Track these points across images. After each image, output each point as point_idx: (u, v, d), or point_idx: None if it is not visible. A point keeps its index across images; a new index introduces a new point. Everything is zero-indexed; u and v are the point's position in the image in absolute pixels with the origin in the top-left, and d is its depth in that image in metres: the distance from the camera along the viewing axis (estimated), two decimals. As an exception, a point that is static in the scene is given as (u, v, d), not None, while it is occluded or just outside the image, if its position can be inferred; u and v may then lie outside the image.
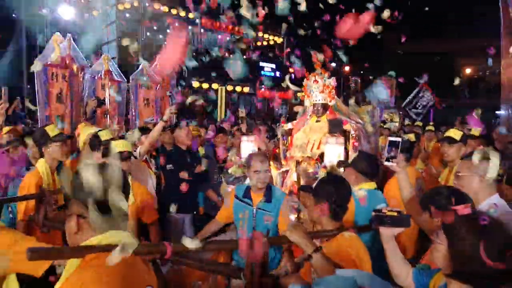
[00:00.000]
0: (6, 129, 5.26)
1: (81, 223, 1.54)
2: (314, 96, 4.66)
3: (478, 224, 1.50)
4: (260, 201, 3.50)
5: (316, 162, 4.43)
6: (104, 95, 6.73)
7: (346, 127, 4.48)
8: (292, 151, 4.71)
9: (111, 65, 7.22)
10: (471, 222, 1.54)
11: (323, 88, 4.57)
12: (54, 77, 5.27)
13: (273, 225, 3.42)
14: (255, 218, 3.49)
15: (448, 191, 2.24)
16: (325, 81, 4.57)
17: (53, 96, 5.33)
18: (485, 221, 1.48)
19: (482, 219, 1.49)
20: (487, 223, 1.49)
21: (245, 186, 3.68)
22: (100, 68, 7.02)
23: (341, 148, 4.18)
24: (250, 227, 3.47)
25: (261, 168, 3.45)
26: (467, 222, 1.56)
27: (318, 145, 4.49)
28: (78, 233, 1.54)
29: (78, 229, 1.54)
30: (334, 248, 2.28)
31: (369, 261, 2.35)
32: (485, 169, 2.56)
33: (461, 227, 1.55)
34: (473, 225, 1.52)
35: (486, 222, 1.49)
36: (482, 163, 2.57)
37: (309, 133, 4.63)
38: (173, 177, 4.93)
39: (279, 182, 4.68)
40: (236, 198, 3.66)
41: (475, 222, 1.53)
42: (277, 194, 3.56)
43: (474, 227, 1.51)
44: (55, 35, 5.32)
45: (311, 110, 4.77)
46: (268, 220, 3.46)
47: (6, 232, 2.07)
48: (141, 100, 7.80)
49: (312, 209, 2.52)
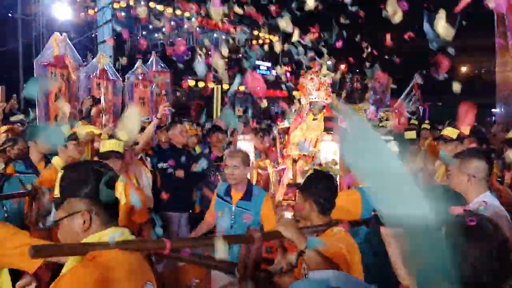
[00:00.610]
0: (3, 128, 5.26)
1: (92, 219, 1.54)
2: (310, 94, 4.68)
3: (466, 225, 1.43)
4: (240, 199, 3.50)
5: (312, 159, 4.46)
6: (99, 94, 6.73)
7: (342, 125, 4.49)
8: (289, 149, 4.73)
9: (106, 64, 7.21)
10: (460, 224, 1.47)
11: (319, 86, 4.59)
12: (53, 76, 5.27)
13: (254, 224, 3.40)
14: (233, 216, 3.49)
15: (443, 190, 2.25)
16: (321, 79, 4.60)
17: (52, 95, 5.32)
18: (472, 222, 1.42)
19: (470, 220, 1.42)
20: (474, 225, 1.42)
21: (227, 185, 3.68)
22: (96, 67, 7.01)
23: (336, 146, 4.20)
24: (228, 225, 3.47)
25: (229, 163, 3.47)
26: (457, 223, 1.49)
27: (315, 143, 4.52)
28: (88, 229, 1.54)
29: (89, 226, 1.54)
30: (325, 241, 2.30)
31: (359, 255, 2.38)
32: (474, 168, 2.61)
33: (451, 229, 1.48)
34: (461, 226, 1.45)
35: (473, 223, 1.42)
36: (470, 162, 2.63)
37: (306, 131, 4.65)
38: (169, 176, 4.94)
39: (275, 180, 4.71)
40: (217, 196, 3.69)
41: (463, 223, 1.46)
42: (257, 193, 3.55)
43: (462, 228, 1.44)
44: (54, 34, 5.31)
45: (307, 108, 4.79)
46: (247, 218, 3.46)
47: (1, 227, 2.08)
48: (137, 99, 7.80)
49: (300, 205, 2.55)
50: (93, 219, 1.54)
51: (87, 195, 1.53)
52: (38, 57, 5.25)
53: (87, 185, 1.54)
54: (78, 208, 1.54)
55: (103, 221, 1.57)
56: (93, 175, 1.55)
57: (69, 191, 1.55)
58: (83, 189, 1.53)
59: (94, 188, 1.54)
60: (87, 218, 1.53)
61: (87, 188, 1.53)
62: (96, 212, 1.55)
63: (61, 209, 1.56)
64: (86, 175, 1.55)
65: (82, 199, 1.54)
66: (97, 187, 1.54)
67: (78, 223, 1.53)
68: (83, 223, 1.53)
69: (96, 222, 1.55)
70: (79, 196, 1.54)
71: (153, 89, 8.05)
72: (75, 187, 1.54)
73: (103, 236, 1.53)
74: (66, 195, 1.55)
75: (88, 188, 1.53)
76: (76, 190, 1.54)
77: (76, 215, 1.53)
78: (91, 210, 1.54)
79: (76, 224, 1.53)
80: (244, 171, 3.52)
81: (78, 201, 1.54)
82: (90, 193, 1.53)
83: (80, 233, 1.54)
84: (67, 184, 1.55)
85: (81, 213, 1.53)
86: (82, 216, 1.53)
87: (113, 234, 1.53)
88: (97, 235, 1.54)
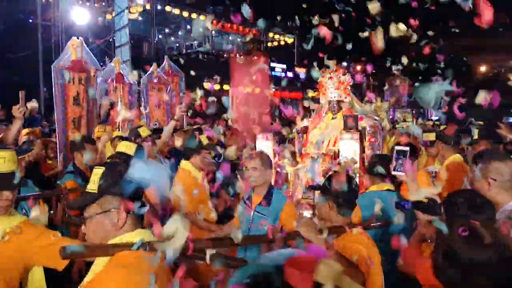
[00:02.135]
0: (25, 131, 5.37)
1: (127, 219, 1.55)
2: (329, 93, 4.66)
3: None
4: (259, 204, 3.28)
5: (331, 159, 4.43)
6: (116, 98, 6.82)
7: (362, 124, 4.46)
8: (308, 148, 4.71)
9: (123, 68, 7.30)
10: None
11: (339, 85, 4.57)
12: (71, 80, 5.35)
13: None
14: (251, 221, 3.29)
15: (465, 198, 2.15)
16: (340, 78, 4.57)
17: (70, 99, 5.40)
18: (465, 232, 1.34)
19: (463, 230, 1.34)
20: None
21: (252, 188, 3.47)
22: (112, 71, 7.11)
23: (356, 145, 4.17)
24: (246, 230, 3.27)
25: (248, 165, 3.29)
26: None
27: (334, 142, 4.49)
28: (120, 228, 1.54)
29: (123, 225, 1.54)
30: (343, 245, 2.28)
31: (379, 256, 2.34)
32: (499, 172, 2.37)
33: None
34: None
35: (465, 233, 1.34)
36: (493, 164, 2.39)
37: (325, 130, 4.63)
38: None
39: (294, 179, 4.69)
40: (242, 199, 3.54)
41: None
42: (278, 199, 3.28)
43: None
44: (72, 39, 5.39)
45: (326, 107, 4.76)
46: (264, 224, 3.19)
47: (30, 226, 2.11)
48: (152, 101, 7.87)
49: (320, 206, 2.52)
50: (128, 218, 1.55)
51: (126, 195, 1.53)
52: (56, 61, 5.33)
53: (127, 184, 1.53)
54: (114, 205, 1.54)
55: (134, 222, 1.57)
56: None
57: (109, 187, 1.54)
58: (123, 188, 1.53)
59: (134, 188, 1.53)
60: (122, 216, 1.53)
61: (127, 187, 1.53)
62: (130, 212, 1.55)
63: (96, 205, 1.55)
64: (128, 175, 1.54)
65: (119, 198, 1.54)
66: (136, 188, 1.54)
67: (111, 221, 1.53)
68: (117, 221, 1.53)
69: (129, 221, 1.56)
70: (117, 194, 1.54)
71: (168, 93, 8.11)
72: (116, 184, 1.54)
73: (131, 237, 1.53)
74: (105, 191, 1.54)
75: (128, 187, 1.53)
76: (116, 187, 1.53)
77: (111, 212, 1.53)
78: (127, 209, 1.54)
79: (108, 221, 1.53)
80: (264, 173, 3.29)
81: (116, 199, 1.54)
82: (127, 193, 1.53)
83: (111, 230, 1.53)
84: (107, 181, 1.55)
85: (116, 211, 1.53)
86: (117, 214, 1.53)
87: (141, 237, 1.53)
88: (126, 236, 1.54)
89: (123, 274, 1.41)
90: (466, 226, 1.36)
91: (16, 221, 2.06)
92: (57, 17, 16.07)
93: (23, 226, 2.07)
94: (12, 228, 2.03)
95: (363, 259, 2.19)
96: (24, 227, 2.06)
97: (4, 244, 1.98)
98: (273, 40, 29.80)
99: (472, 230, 1.35)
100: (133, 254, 1.46)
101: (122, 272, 1.42)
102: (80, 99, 5.59)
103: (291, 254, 0.95)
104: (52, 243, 2.02)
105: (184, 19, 24.12)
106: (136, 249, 1.46)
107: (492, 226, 1.39)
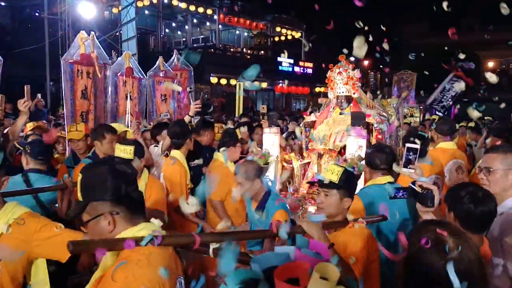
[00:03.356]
0: (30, 125, 5.39)
1: (116, 219, 1.53)
2: (337, 88, 4.62)
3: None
4: (255, 209, 3.24)
5: (338, 155, 4.40)
6: (125, 92, 6.82)
7: (369, 120, 4.42)
8: (314, 143, 4.68)
9: (132, 62, 7.30)
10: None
11: (347, 80, 4.52)
12: (80, 74, 5.35)
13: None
14: (252, 224, 3.36)
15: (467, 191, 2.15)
16: (349, 73, 4.53)
17: (78, 93, 5.41)
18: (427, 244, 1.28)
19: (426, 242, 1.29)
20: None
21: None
22: (122, 65, 7.10)
23: (363, 141, 4.13)
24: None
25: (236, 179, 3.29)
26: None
27: (341, 138, 4.46)
28: (113, 230, 1.53)
29: (114, 226, 1.53)
30: (342, 239, 2.29)
31: (377, 250, 2.36)
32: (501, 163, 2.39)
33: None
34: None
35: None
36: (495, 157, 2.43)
37: (332, 125, 4.59)
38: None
39: (300, 173, 4.67)
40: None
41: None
42: (270, 208, 3.19)
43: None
44: (80, 33, 5.39)
45: (334, 103, 4.73)
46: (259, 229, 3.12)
47: (32, 218, 2.11)
48: (159, 96, 7.87)
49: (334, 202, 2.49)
50: (116, 219, 1.53)
51: (108, 197, 1.51)
52: (64, 55, 5.33)
53: (106, 187, 1.51)
54: (101, 210, 1.52)
55: (128, 219, 1.55)
56: (111, 176, 1.52)
57: (90, 194, 1.53)
58: (103, 192, 1.51)
59: (114, 189, 1.52)
60: (110, 219, 1.52)
61: (107, 190, 1.51)
62: (119, 212, 1.53)
63: (85, 213, 1.54)
64: (104, 177, 1.52)
65: (104, 202, 1.52)
66: (117, 187, 1.52)
67: (103, 225, 1.52)
68: (108, 224, 1.52)
69: (120, 222, 1.54)
70: (100, 199, 1.52)
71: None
72: (95, 190, 1.52)
73: (136, 232, 1.52)
74: (88, 198, 1.54)
75: (108, 190, 1.51)
76: (97, 193, 1.52)
77: (100, 217, 1.52)
78: (114, 211, 1.52)
79: (101, 226, 1.53)
80: (251, 185, 3.21)
81: (101, 203, 1.52)
82: (110, 195, 1.51)
83: (107, 234, 1.53)
84: (87, 188, 1.54)
85: (104, 216, 1.52)
86: (105, 218, 1.52)
87: (146, 231, 1.52)
88: (129, 231, 1.53)
89: (135, 268, 1.40)
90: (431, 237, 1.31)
91: (19, 213, 2.07)
92: (63, 11, 16.10)
93: (26, 217, 2.07)
94: (15, 219, 2.03)
95: (359, 261, 2.22)
96: (27, 219, 2.07)
97: (7, 236, 1.99)
98: (280, 34, 29.69)
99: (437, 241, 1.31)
100: (142, 249, 1.45)
101: (133, 266, 1.40)
102: (88, 93, 5.60)
103: (286, 256, 0.95)
104: (55, 235, 2.03)
105: (191, 12, 24.08)
106: (145, 244, 1.45)
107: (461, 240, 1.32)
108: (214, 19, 25.27)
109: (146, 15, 23.83)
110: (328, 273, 0.85)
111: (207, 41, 28.09)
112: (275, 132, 4.74)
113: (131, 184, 1.58)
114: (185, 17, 25.87)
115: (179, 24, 27.68)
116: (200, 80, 19.41)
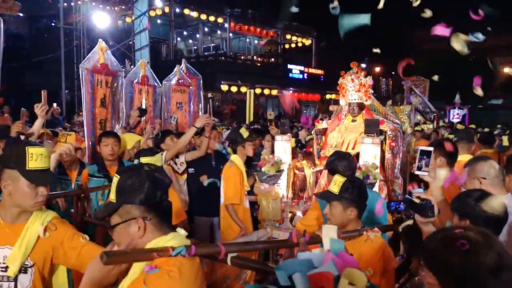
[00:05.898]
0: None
1: (146, 226, 1.52)
2: (350, 95, 4.62)
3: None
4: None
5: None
6: (141, 100, 6.94)
7: (382, 127, 4.41)
8: (327, 150, 4.69)
9: (147, 70, 7.41)
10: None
11: (360, 87, 4.53)
12: (99, 83, 5.46)
13: None
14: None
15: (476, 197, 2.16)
16: (362, 80, 4.54)
17: (98, 101, 5.52)
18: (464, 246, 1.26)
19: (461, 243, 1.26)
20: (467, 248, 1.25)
21: None
22: (137, 73, 7.21)
23: (377, 149, 4.13)
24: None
25: None
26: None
27: (353, 145, 4.46)
28: (143, 236, 1.52)
29: (144, 232, 1.52)
30: (358, 250, 2.31)
31: (393, 259, 2.38)
32: (484, 171, 2.59)
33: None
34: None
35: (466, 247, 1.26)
36: (478, 166, 2.62)
37: (344, 132, 4.60)
38: (195, 181, 4.88)
39: (312, 181, 4.68)
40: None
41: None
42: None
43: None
44: (100, 42, 5.49)
45: (346, 110, 4.74)
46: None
47: (63, 225, 2.12)
48: (174, 103, 7.96)
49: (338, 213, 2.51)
50: (147, 225, 1.53)
51: (143, 202, 1.51)
52: (84, 63, 5.43)
53: (143, 191, 1.50)
54: (134, 214, 1.52)
55: (158, 227, 1.55)
56: (149, 181, 1.52)
57: (125, 197, 1.53)
58: (139, 196, 1.50)
59: (150, 194, 1.52)
60: (141, 224, 1.51)
61: (142, 194, 1.50)
62: (150, 219, 1.53)
63: (116, 215, 1.55)
64: (142, 182, 1.51)
65: (138, 206, 1.52)
66: (154, 194, 1.53)
67: (133, 230, 1.52)
68: (138, 229, 1.51)
69: (150, 229, 1.53)
70: (134, 203, 1.52)
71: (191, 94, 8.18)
72: (132, 193, 1.52)
73: (167, 241, 1.52)
74: (122, 200, 1.53)
75: (144, 194, 1.50)
76: (132, 196, 1.52)
77: (132, 221, 1.52)
78: (146, 217, 1.52)
79: (132, 230, 1.52)
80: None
81: (134, 207, 1.52)
82: (145, 200, 1.51)
83: (136, 239, 1.53)
84: (123, 190, 1.53)
85: (136, 220, 1.51)
86: (136, 222, 1.51)
87: (176, 241, 1.52)
88: (159, 240, 1.52)
89: (167, 279, 1.41)
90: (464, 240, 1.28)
91: (49, 217, 2.09)
92: (78, 21, 16.41)
93: (57, 223, 2.08)
94: (49, 224, 2.06)
95: (377, 274, 2.23)
96: (58, 225, 2.08)
97: (43, 240, 2.02)
98: (291, 41, 29.78)
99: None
100: (172, 259, 1.45)
101: (165, 278, 1.41)
102: (106, 101, 5.70)
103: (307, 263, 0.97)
104: (82, 246, 2.05)
105: (202, 21, 24.33)
106: (175, 255, 1.46)
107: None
108: (225, 27, 25.52)
109: (158, 24, 24.14)
110: (356, 279, 0.87)
111: (218, 49, 28.35)
112: (287, 139, 4.76)
113: (165, 192, 1.58)
114: (197, 25, 26.15)
115: (190, 33, 27.99)
116: (211, 88, 19.56)
